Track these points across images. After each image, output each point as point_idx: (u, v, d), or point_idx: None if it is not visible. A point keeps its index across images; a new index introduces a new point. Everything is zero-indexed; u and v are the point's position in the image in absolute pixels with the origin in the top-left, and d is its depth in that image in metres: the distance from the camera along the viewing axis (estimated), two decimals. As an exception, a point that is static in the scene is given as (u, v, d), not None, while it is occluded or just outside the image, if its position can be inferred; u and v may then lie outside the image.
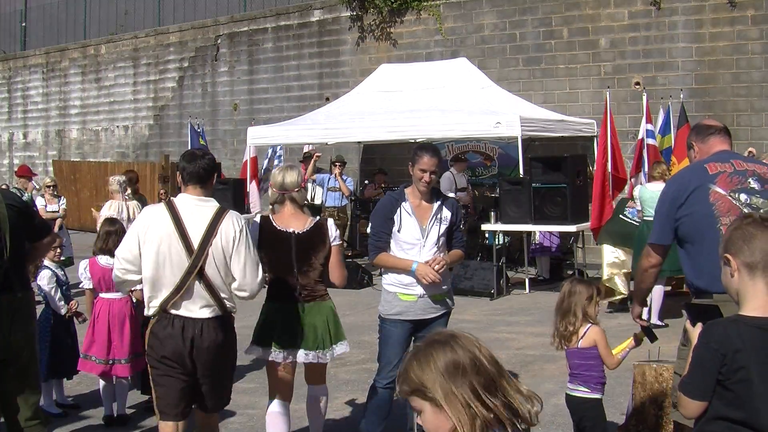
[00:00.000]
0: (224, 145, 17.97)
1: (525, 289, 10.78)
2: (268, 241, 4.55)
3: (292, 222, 4.61)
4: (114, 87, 20.45)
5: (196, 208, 4.05)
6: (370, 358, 6.89)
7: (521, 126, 10.68)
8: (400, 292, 4.84)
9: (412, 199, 4.87)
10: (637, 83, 12.93)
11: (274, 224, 4.58)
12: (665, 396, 4.53)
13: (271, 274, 4.60)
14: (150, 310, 4.06)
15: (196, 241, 3.97)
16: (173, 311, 4.00)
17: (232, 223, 4.04)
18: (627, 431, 4.80)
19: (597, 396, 4.29)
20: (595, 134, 12.47)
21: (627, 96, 13.01)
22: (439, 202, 4.90)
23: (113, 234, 5.74)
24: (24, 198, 12.59)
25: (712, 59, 12.45)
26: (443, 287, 4.91)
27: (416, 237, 4.81)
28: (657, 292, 8.51)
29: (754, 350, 2.38)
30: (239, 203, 12.86)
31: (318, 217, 4.81)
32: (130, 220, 9.01)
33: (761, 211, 3.57)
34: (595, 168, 11.18)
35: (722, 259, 2.54)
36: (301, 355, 4.55)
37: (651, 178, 9.02)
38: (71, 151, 21.52)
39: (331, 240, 4.63)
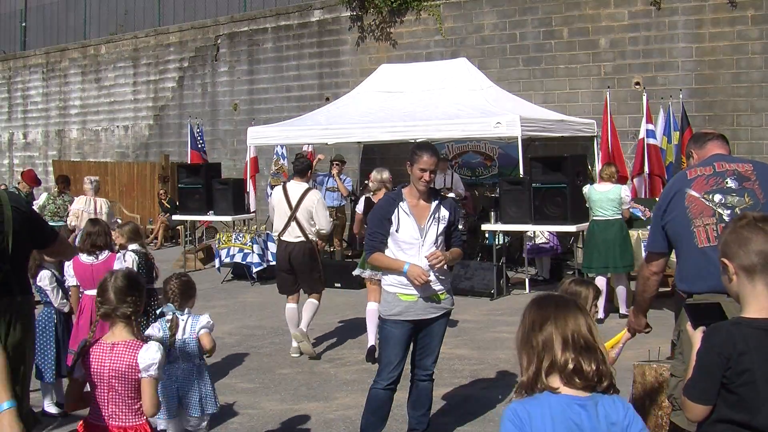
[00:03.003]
0: (224, 145, 17.97)
1: (525, 289, 10.78)
2: (369, 209, 6.95)
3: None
4: (114, 87, 20.45)
5: (296, 187, 7.63)
6: (370, 358, 6.90)
7: (521, 126, 10.68)
8: (400, 293, 4.83)
9: (410, 198, 4.87)
10: (637, 83, 12.93)
11: (372, 200, 7.72)
12: (665, 396, 4.53)
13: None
14: (275, 237, 8.07)
15: (293, 203, 7.49)
16: (282, 238, 7.59)
17: (312, 195, 7.56)
18: (627, 431, 4.79)
19: None
20: (596, 134, 12.49)
21: (627, 96, 13.01)
22: (437, 202, 4.90)
23: (93, 235, 5.97)
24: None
25: (712, 59, 12.44)
26: (443, 287, 4.91)
27: (414, 236, 4.81)
28: (621, 287, 9.03)
29: (758, 352, 2.37)
30: (239, 202, 12.86)
31: None
32: (96, 213, 10.46)
33: (737, 209, 3.58)
34: (597, 168, 11.21)
35: (720, 264, 2.54)
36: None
37: (600, 178, 9.21)
38: (71, 151, 21.52)
39: None
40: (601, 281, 8.96)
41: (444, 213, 4.89)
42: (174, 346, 4.47)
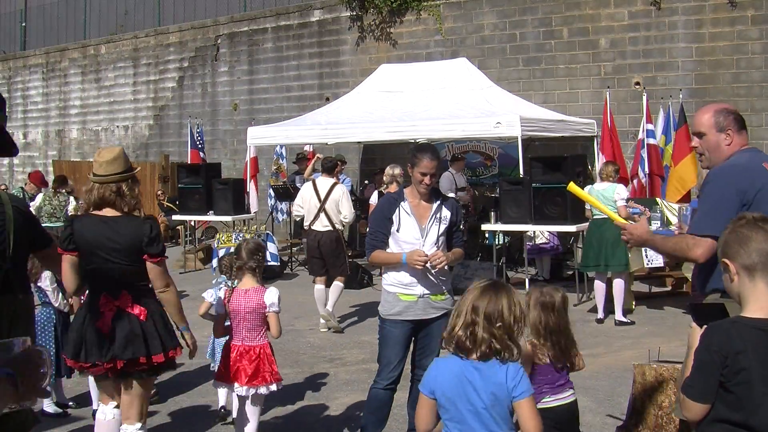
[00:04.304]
0: (224, 145, 17.97)
1: (525, 289, 10.76)
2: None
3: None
4: (114, 87, 20.45)
5: (324, 182, 8.84)
6: (370, 358, 6.90)
7: (521, 126, 10.68)
8: (401, 293, 4.82)
9: (411, 198, 4.86)
10: (637, 83, 12.93)
11: (384, 193, 8.37)
12: (665, 396, 4.52)
13: None
14: (305, 227, 8.95)
15: (322, 196, 8.66)
16: (312, 228, 8.72)
17: (338, 189, 8.73)
18: (627, 431, 4.80)
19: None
20: (596, 134, 12.49)
21: (627, 96, 13.01)
22: (438, 202, 4.88)
23: None
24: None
25: (712, 59, 12.45)
26: (443, 287, 4.90)
27: (415, 236, 4.80)
28: (617, 288, 8.90)
29: (755, 352, 2.37)
30: (239, 202, 12.86)
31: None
32: None
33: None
34: (597, 168, 11.21)
35: (721, 264, 2.54)
36: None
37: (599, 177, 9.26)
38: (71, 151, 21.52)
39: None
40: (600, 284, 9.08)
41: (445, 213, 4.88)
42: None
